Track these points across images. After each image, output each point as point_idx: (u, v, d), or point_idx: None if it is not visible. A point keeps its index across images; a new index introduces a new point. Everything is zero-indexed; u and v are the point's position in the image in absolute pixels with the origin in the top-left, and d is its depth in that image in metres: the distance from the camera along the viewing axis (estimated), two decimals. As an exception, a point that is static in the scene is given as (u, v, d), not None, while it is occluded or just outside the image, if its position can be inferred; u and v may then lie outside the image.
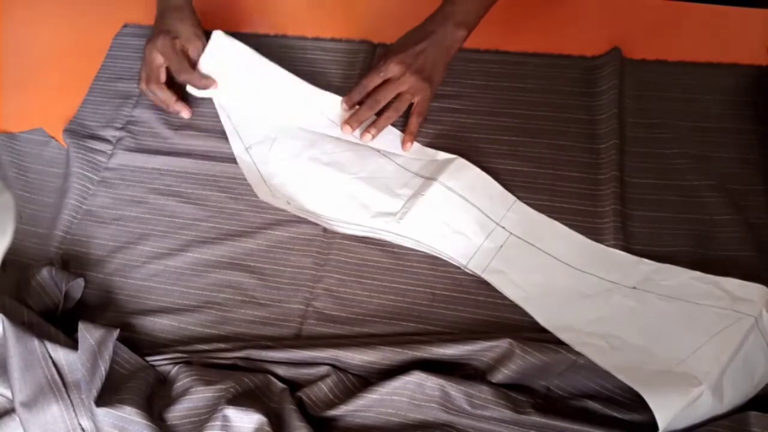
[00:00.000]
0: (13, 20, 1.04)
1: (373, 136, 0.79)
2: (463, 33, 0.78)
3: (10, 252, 0.65)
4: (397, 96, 0.79)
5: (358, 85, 0.80)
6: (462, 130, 0.81)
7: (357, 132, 0.81)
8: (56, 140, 0.88)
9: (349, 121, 0.79)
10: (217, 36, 0.82)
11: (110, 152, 0.86)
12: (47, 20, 1.04)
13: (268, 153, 0.81)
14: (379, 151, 0.80)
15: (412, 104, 0.80)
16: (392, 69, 0.77)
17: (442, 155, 0.78)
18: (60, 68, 0.98)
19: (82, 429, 0.60)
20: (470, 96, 0.84)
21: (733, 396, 0.57)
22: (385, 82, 0.78)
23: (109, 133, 0.88)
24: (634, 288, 0.65)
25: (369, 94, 0.80)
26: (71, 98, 0.93)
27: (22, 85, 0.96)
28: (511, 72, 0.85)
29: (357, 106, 0.81)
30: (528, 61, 0.86)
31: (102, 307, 0.74)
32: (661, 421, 0.54)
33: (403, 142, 0.79)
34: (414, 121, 0.79)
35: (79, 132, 0.88)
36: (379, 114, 0.80)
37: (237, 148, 0.83)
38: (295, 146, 0.81)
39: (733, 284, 0.62)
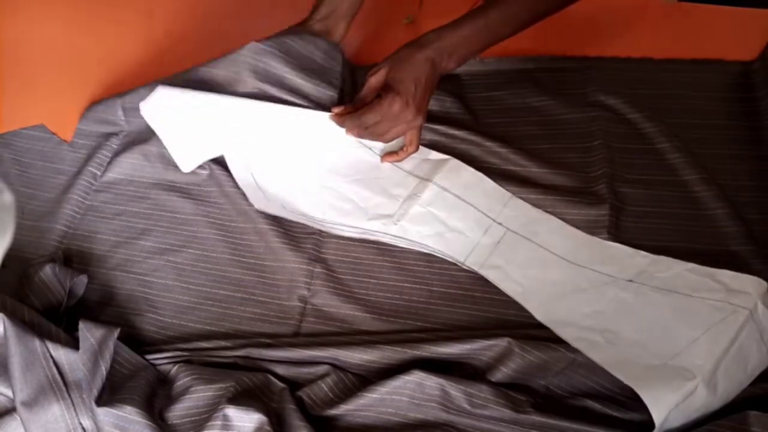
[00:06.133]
0: (13, 20, 1.00)
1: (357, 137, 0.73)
2: (453, 66, 0.70)
3: (12, 247, 0.62)
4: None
5: (355, 118, 0.70)
6: (455, 129, 0.76)
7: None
8: (57, 136, 0.84)
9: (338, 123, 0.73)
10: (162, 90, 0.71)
11: (116, 148, 0.82)
12: (48, 20, 1.00)
13: (256, 152, 0.75)
14: (370, 149, 0.75)
15: None
16: (395, 109, 0.68)
17: (435, 155, 0.74)
18: (60, 66, 0.94)
19: (83, 428, 0.57)
20: (462, 102, 0.79)
21: (727, 387, 0.54)
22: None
23: (116, 130, 0.84)
24: (630, 281, 0.62)
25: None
26: (71, 97, 0.89)
27: (22, 84, 0.92)
28: (501, 76, 0.81)
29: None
30: (512, 67, 0.82)
31: (103, 302, 0.71)
32: (657, 416, 0.51)
33: (385, 158, 0.73)
34: (410, 151, 0.72)
35: (86, 129, 0.85)
36: None
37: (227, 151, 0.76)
38: (284, 147, 0.75)
39: (727, 276, 0.59)
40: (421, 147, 0.74)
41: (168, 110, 0.72)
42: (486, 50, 0.70)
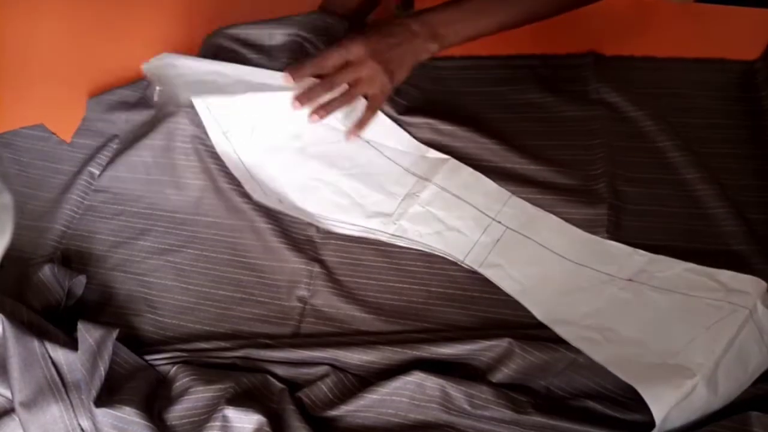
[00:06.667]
0: (13, 19, 0.99)
1: (321, 118, 0.69)
2: (436, 47, 0.67)
3: (11, 247, 0.62)
4: (354, 81, 0.68)
5: (314, 58, 0.67)
6: (451, 125, 0.75)
7: (343, 118, 0.73)
8: (57, 136, 0.84)
9: (301, 99, 0.68)
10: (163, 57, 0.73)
11: (115, 148, 0.81)
12: (48, 19, 0.99)
13: (249, 140, 0.74)
14: (368, 141, 0.74)
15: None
16: (356, 50, 0.65)
17: (433, 153, 0.73)
18: (60, 66, 0.93)
19: (82, 429, 0.57)
20: (458, 100, 0.79)
21: (728, 387, 0.54)
22: (346, 63, 0.67)
23: (115, 128, 0.83)
24: (630, 280, 0.62)
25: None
26: (71, 97, 0.88)
27: (22, 84, 0.92)
28: (498, 75, 0.81)
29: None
30: (515, 63, 0.81)
31: (102, 302, 0.70)
32: (657, 414, 0.51)
33: (348, 133, 0.70)
34: (368, 117, 0.69)
35: (86, 127, 0.84)
36: None
37: (215, 134, 0.73)
38: (278, 136, 0.74)
39: (727, 276, 0.59)
40: (419, 144, 0.73)
41: (171, 69, 0.73)
42: (477, 38, 0.68)
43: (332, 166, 0.73)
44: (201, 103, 0.71)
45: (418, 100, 0.79)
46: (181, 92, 0.73)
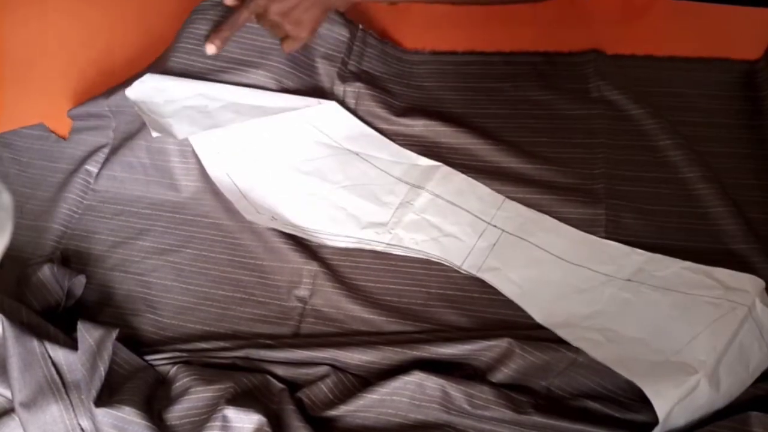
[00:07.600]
0: (13, 19, 0.99)
1: (218, 49, 0.71)
2: None
3: (10, 247, 0.62)
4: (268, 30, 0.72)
5: (227, 21, 0.70)
6: (452, 126, 0.75)
7: (333, 134, 0.74)
8: (56, 135, 0.84)
9: (213, 40, 0.70)
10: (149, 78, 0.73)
11: (112, 145, 0.80)
12: (47, 18, 0.99)
13: (240, 160, 0.74)
14: (357, 154, 0.74)
15: None
16: (258, 3, 0.68)
17: (424, 161, 0.73)
18: (61, 66, 0.93)
19: (82, 429, 0.57)
20: (459, 96, 0.79)
21: (730, 385, 0.54)
22: (256, 17, 0.70)
23: (112, 125, 0.82)
24: (629, 280, 0.62)
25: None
26: (71, 96, 0.88)
27: (22, 84, 0.92)
28: (500, 71, 0.80)
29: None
30: (517, 60, 0.81)
31: (102, 302, 0.70)
32: (660, 410, 0.51)
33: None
34: (286, 48, 0.72)
35: (81, 126, 0.84)
36: None
37: (207, 158, 0.74)
38: (269, 155, 0.74)
39: (725, 274, 0.59)
40: (409, 153, 0.73)
41: (156, 92, 0.73)
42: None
43: (325, 180, 0.73)
44: (193, 137, 0.73)
45: (417, 100, 0.79)
46: (171, 123, 0.73)
